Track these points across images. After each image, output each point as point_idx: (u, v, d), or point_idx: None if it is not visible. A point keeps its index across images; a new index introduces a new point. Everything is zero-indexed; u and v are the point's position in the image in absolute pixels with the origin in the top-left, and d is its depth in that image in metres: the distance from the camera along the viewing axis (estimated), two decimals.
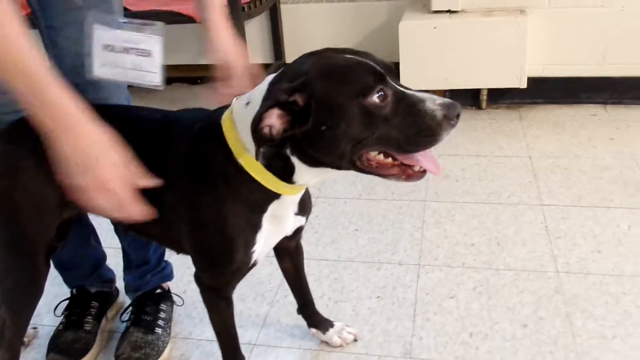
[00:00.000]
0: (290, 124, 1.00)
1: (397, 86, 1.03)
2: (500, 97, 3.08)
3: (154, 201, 1.20)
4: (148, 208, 1.14)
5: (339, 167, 1.07)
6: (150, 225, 1.28)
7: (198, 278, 1.33)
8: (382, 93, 1.00)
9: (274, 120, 0.98)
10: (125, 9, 2.84)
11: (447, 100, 1.01)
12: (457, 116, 1.01)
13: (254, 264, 1.27)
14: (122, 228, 1.52)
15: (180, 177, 1.18)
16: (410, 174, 1.07)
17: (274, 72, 1.11)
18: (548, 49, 2.95)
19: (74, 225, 1.47)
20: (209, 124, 1.16)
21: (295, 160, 1.08)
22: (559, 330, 1.62)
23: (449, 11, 2.94)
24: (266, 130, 0.99)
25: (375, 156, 1.06)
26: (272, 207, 1.18)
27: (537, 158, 2.53)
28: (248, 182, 1.12)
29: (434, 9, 2.95)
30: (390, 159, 1.06)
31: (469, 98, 3.09)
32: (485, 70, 2.92)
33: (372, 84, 0.99)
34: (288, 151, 1.07)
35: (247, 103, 1.09)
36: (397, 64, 2.92)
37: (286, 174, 1.11)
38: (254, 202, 1.16)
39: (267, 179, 1.11)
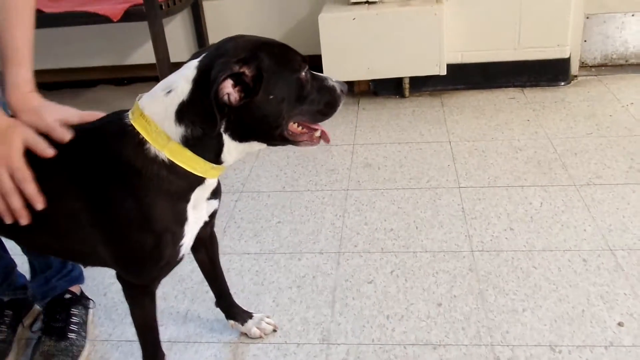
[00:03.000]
0: (244, 92, 1.07)
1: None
2: (423, 85, 3.14)
3: (61, 217, 1.18)
4: (27, 213, 1.15)
5: (268, 139, 1.17)
6: (54, 241, 1.25)
7: (120, 277, 1.31)
8: (307, 71, 1.16)
9: (231, 89, 1.06)
10: (39, 10, 2.79)
11: (339, 80, 1.23)
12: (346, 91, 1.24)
13: (181, 258, 1.27)
14: (23, 249, 1.50)
15: (90, 187, 1.15)
16: (314, 139, 1.24)
17: None
18: (465, 36, 3.02)
19: None
20: (111, 129, 1.15)
21: (226, 137, 1.13)
22: (471, 307, 1.67)
23: (367, 2, 2.97)
24: (225, 97, 1.06)
25: (293, 125, 1.19)
26: (194, 195, 1.19)
27: (457, 142, 2.59)
28: (170, 174, 1.13)
29: (352, 0, 2.98)
30: (300, 128, 1.21)
31: (392, 87, 3.14)
32: (406, 59, 2.97)
33: (302, 63, 1.16)
34: (222, 128, 1.11)
35: (168, 92, 1.11)
36: (319, 56, 2.95)
37: (215, 154, 1.15)
38: (178, 193, 1.16)
39: (195, 164, 1.13)
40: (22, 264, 1.73)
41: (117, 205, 1.15)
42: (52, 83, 3.63)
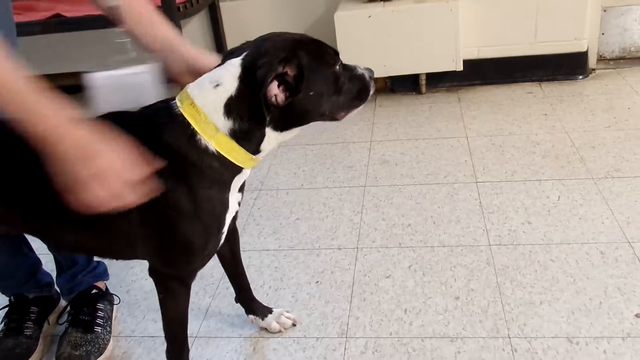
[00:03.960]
0: (288, 91, 1.12)
1: None
2: (439, 81, 3.15)
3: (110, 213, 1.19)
4: (154, 184, 1.12)
5: (310, 122, 1.22)
6: (93, 238, 1.25)
7: (156, 270, 1.32)
8: (340, 64, 1.20)
9: (277, 90, 1.10)
10: (60, 15, 2.84)
11: (366, 66, 1.26)
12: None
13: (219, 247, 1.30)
14: (55, 249, 1.53)
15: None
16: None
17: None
18: (481, 31, 3.02)
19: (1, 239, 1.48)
20: (161, 118, 1.16)
21: (267, 129, 1.17)
22: (489, 300, 1.68)
23: (382, 0, 2.99)
24: (273, 99, 1.10)
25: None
26: (233, 185, 1.23)
27: (474, 138, 2.59)
28: (219, 165, 1.16)
29: None
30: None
31: (409, 84, 3.16)
32: (422, 55, 2.98)
33: (336, 57, 1.19)
34: (267, 120, 1.15)
35: (216, 85, 1.14)
36: None
37: (256, 144, 1.18)
38: (223, 182, 1.20)
39: (238, 154, 1.17)
40: (46, 262, 1.78)
41: (172, 197, 1.16)
42: (71, 86, 3.67)
